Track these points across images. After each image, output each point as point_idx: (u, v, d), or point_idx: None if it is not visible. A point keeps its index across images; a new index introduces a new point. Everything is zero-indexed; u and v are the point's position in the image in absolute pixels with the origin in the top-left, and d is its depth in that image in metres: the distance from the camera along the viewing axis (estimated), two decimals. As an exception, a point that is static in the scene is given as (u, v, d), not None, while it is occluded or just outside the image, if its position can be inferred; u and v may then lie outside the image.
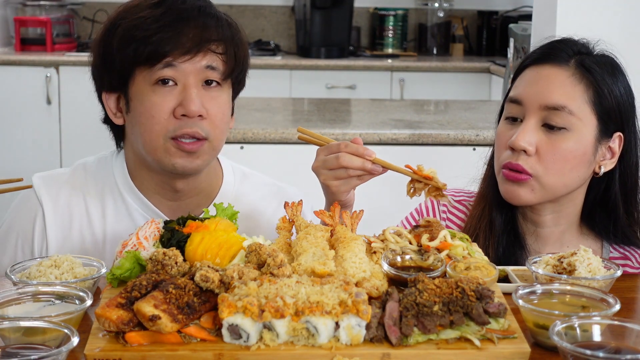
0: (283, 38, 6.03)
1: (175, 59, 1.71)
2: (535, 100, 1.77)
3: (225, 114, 1.79)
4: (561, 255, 1.56)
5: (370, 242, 1.56)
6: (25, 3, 5.59)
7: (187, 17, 1.73)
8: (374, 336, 1.26)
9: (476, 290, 1.30)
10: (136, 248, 1.50)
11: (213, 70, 1.74)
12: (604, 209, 1.86)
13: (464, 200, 1.97)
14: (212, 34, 1.74)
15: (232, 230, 1.53)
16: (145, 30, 1.71)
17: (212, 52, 1.74)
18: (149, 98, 1.72)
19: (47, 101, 5.05)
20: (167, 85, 1.72)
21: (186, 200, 1.85)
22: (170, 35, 1.71)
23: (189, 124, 1.72)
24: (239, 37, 1.80)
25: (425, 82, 5.40)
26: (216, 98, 1.76)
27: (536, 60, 1.82)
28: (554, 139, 1.75)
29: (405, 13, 5.93)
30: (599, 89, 1.76)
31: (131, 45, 1.71)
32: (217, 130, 1.76)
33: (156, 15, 1.72)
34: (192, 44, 1.71)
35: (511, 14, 5.74)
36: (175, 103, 1.72)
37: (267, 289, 1.27)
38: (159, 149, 1.74)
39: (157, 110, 1.72)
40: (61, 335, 1.23)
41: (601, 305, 1.34)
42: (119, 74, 1.75)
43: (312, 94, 5.23)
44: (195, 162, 1.75)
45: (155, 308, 1.25)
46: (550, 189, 1.77)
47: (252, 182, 1.97)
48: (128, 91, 1.76)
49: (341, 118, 3.72)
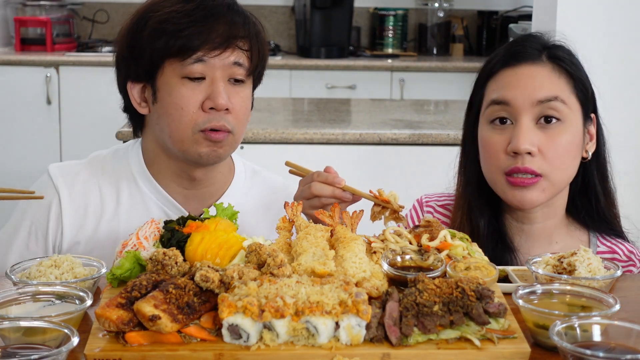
0: (283, 38, 6.03)
1: (205, 54, 1.78)
2: (525, 99, 1.76)
3: (247, 108, 1.87)
4: (561, 255, 1.56)
5: (370, 242, 1.56)
6: (25, 3, 5.58)
7: (217, 13, 1.80)
8: (374, 336, 1.26)
9: (476, 290, 1.30)
10: (136, 248, 1.50)
11: (239, 67, 1.81)
12: (585, 194, 1.88)
13: (447, 204, 1.97)
14: (239, 31, 1.81)
15: (232, 230, 1.53)
16: (176, 24, 1.77)
17: (239, 49, 1.81)
18: (178, 90, 1.79)
19: (47, 101, 5.05)
20: (195, 81, 1.78)
21: (201, 189, 1.91)
22: (201, 31, 1.77)
23: (217, 117, 1.79)
24: (262, 35, 1.87)
25: (425, 82, 5.39)
26: (240, 93, 1.83)
27: (507, 63, 1.82)
28: (551, 134, 1.75)
29: (405, 13, 5.93)
30: (577, 77, 1.79)
31: (162, 37, 1.78)
32: (240, 124, 1.84)
33: (187, 10, 1.79)
34: (222, 39, 1.78)
35: (511, 14, 5.74)
36: (204, 96, 1.79)
37: (267, 289, 1.27)
38: (187, 140, 1.80)
39: (186, 103, 1.78)
40: (61, 335, 1.23)
41: (601, 305, 1.34)
42: (147, 65, 1.81)
43: (312, 94, 5.23)
44: (218, 151, 1.82)
45: (155, 308, 1.25)
46: (558, 185, 1.78)
47: (262, 177, 2.04)
48: (156, 82, 1.82)
49: (341, 118, 3.72)
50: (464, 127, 1.91)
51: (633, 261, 1.88)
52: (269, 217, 1.92)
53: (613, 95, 1.86)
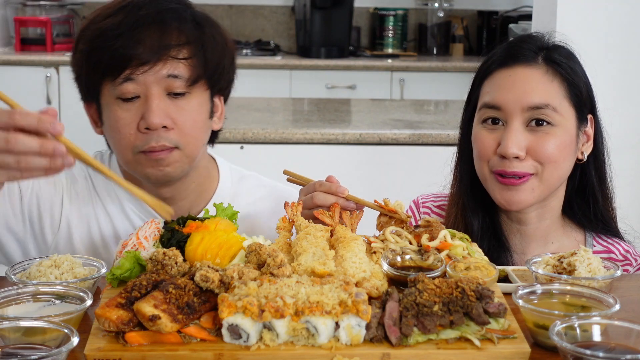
0: (283, 38, 6.03)
1: (133, 72, 1.65)
2: (516, 103, 1.76)
3: (197, 121, 1.72)
4: (561, 256, 1.56)
5: (370, 242, 1.56)
6: (25, 3, 5.59)
7: (145, 22, 1.66)
8: (373, 336, 1.26)
9: (476, 290, 1.30)
10: (136, 248, 1.50)
11: (176, 79, 1.67)
12: (582, 195, 1.87)
13: (443, 205, 1.97)
14: (172, 39, 1.67)
15: (232, 230, 1.53)
16: (103, 41, 1.66)
17: (174, 59, 1.67)
18: (115, 113, 1.70)
19: (47, 101, 5.05)
20: (129, 101, 1.68)
21: (177, 203, 1.82)
22: (127, 45, 1.64)
23: (154, 137, 1.67)
24: (209, 37, 1.72)
25: (425, 82, 5.39)
26: (184, 106, 1.69)
27: (503, 63, 1.82)
28: (541, 137, 1.76)
29: (405, 13, 5.93)
30: (572, 81, 1.78)
31: (92, 57, 1.68)
32: (187, 138, 1.71)
33: (114, 23, 1.66)
34: (150, 52, 1.64)
35: (511, 14, 5.74)
36: (139, 116, 1.67)
37: (267, 289, 1.27)
38: (130, 162, 1.73)
39: (122, 125, 1.69)
40: (61, 335, 1.23)
41: (601, 305, 1.34)
42: (87, 87, 1.74)
43: (312, 94, 5.23)
44: (165, 169, 1.71)
45: (155, 308, 1.25)
46: (548, 185, 1.78)
47: (250, 184, 1.94)
48: (100, 103, 1.74)
49: (341, 118, 3.72)
50: (461, 125, 1.92)
51: (629, 260, 1.88)
52: (260, 223, 1.87)
53: (612, 95, 1.86)
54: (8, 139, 1.26)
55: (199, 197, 1.86)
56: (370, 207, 1.70)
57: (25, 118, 1.26)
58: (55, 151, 1.27)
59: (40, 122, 1.26)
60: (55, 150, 1.27)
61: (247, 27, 6.02)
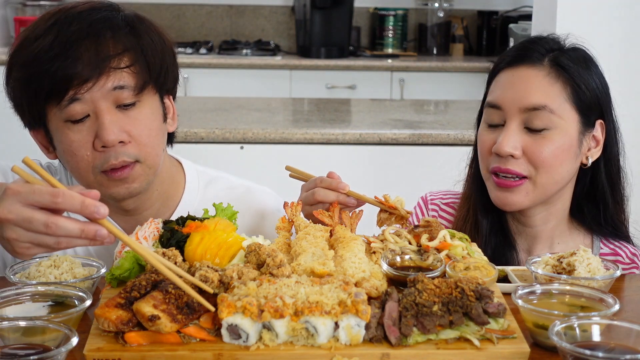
0: (283, 38, 6.03)
1: (77, 91, 1.58)
2: (514, 104, 1.76)
3: (152, 128, 1.67)
4: (560, 256, 1.56)
5: (370, 242, 1.56)
6: (25, 3, 5.58)
7: (78, 38, 1.58)
8: (373, 336, 1.26)
9: (475, 290, 1.30)
10: (136, 248, 1.50)
11: (123, 90, 1.61)
12: (592, 200, 1.87)
13: (452, 202, 1.98)
14: (109, 49, 1.60)
15: (232, 230, 1.53)
16: (38, 66, 1.58)
17: (116, 69, 1.60)
18: (66, 136, 1.62)
19: (47, 101, 5.04)
20: (79, 122, 1.61)
21: (142, 213, 1.77)
22: (64, 65, 1.56)
23: (113, 154, 1.61)
24: (147, 40, 1.66)
25: (425, 82, 5.39)
26: (136, 117, 1.64)
27: (510, 63, 1.82)
28: (538, 139, 1.76)
29: (405, 13, 5.93)
30: (576, 85, 1.77)
31: (30, 84, 1.60)
32: (146, 149, 1.65)
33: (46, 45, 1.58)
34: (90, 68, 1.57)
35: (511, 14, 5.74)
36: (93, 135, 1.61)
37: (266, 289, 1.27)
38: (92, 183, 1.65)
39: (76, 148, 1.62)
40: (60, 336, 1.22)
41: (601, 305, 1.34)
42: (31, 115, 1.66)
43: (312, 94, 5.23)
44: (131, 186, 1.66)
45: (155, 308, 1.25)
46: (543, 189, 1.78)
47: (218, 186, 1.88)
48: (48, 128, 1.66)
49: (341, 118, 3.72)
50: (475, 123, 1.92)
51: (636, 263, 1.88)
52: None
53: (612, 95, 1.85)
54: (48, 223, 1.24)
55: (164, 206, 1.81)
56: (370, 203, 1.70)
57: (68, 201, 1.23)
58: (97, 235, 1.25)
59: (83, 207, 1.24)
60: (97, 234, 1.25)
61: (247, 27, 6.02)
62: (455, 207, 1.96)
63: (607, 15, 3.06)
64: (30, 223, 1.23)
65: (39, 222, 1.23)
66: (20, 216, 1.23)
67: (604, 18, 3.06)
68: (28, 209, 1.23)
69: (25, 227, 1.24)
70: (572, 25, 3.04)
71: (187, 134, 3.18)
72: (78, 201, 1.23)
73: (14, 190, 1.24)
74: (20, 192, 1.24)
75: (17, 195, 1.24)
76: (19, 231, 1.25)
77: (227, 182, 1.90)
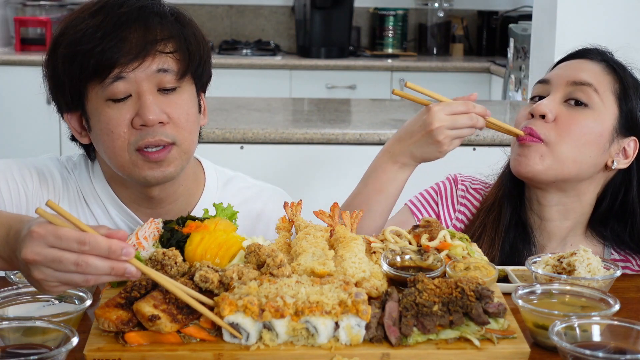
0: (283, 38, 6.03)
1: (123, 70, 1.62)
2: (563, 78, 1.82)
3: (190, 114, 1.70)
4: (561, 256, 1.56)
5: (370, 242, 1.56)
6: (25, 3, 5.59)
7: (128, 20, 1.63)
8: (373, 336, 1.26)
9: (476, 290, 1.30)
10: (136, 248, 1.50)
11: (166, 73, 1.65)
12: (622, 217, 1.86)
13: (479, 188, 1.98)
14: (157, 34, 1.64)
15: (232, 231, 1.53)
16: (86, 44, 1.61)
17: (161, 53, 1.65)
18: (105, 114, 1.65)
19: (47, 101, 5.03)
20: (120, 101, 1.64)
21: (165, 207, 1.78)
22: (112, 45, 1.61)
23: (151, 132, 1.64)
24: (190, 31, 1.71)
25: (425, 82, 5.34)
26: (176, 101, 1.67)
27: (567, 58, 1.89)
28: (575, 112, 1.79)
29: (405, 13, 5.93)
30: (626, 88, 1.81)
31: (74, 62, 1.63)
32: (184, 133, 1.68)
33: (95, 25, 1.62)
34: (137, 49, 1.62)
35: (511, 14, 5.74)
36: (133, 114, 1.64)
37: (267, 288, 1.27)
38: (126, 163, 1.67)
39: (114, 125, 1.64)
40: (61, 336, 1.23)
41: (601, 305, 1.34)
42: (71, 95, 1.68)
43: (312, 94, 5.22)
44: (167, 170, 1.68)
45: (155, 308, 1.25)
46: (559, 159, 1.77)
47: (235, 186, 1.90)
48: (86, 109, 1.68)
49: (341, 118, 3.72)
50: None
51: None
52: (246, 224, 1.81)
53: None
54: (79, 262, 1.22)
55: (186, 202, 1.82)
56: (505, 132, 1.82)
57: (95, 248, 1.22)
58: (126, 273, 1.24)
59: (110, 253, 1.22)
60: (125, 272, 1.24)
61: (247, 27, 6.02)
62: (482, 193, 1.96)
63: (607, 16, 3.06)
64: (60, 263, 1.22)
65: (68, 262, 1.22)
66: (48, 257, 1.23)
67: (604, 18, 3.06)
68: (56, 250, 1.23)
69: (54, 267, 1.23)
70: (572, 26, 3.04)
71: (187, 134, 3.17)
72: (105, 247, 1.22)
73: (39, 234, 1.23)
74: (46, 235, 1.22)
75: (43, 238, 1.22)
76: (47, 271, 1.24)
77: (242, 182, 1.92)
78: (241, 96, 4.63)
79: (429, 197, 1.99)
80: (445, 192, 1.98)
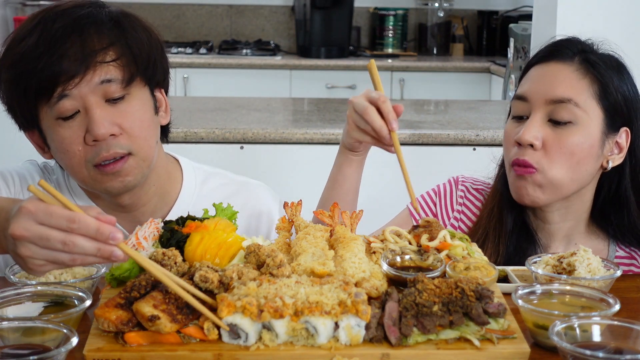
0: (283, 38, 6.03)
1: (65, 87, 1.59)
2: (540, 96, 1.78)
3: (143, 120, 1.67)
4: (561, 256, 1.56)
5: (370, 242, 1.56)
6: (25, 3, 5.58)
7: (63, 35, 1.59)
8: (373, 336, 1.26)
9: (476, 291, 1.30)
10: (135, 248, 1.50)
11: (110, 83, 1.61)
12: (617, 207, 1.86)
13: (481, 189, 1.98)
14: (95, 44, 1.61)
15: (232, 231, 1.53)
16: (26, 65, 1.59)
17: (102, 63, 1.61)
18: (58, 133, 1.63)
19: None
20: (70, 119, 1.62)
21: (140, 209, 1.77)
22: (50, 62, 1.57)
23: (104, 147, 1.62)
24: (132, 34, 1.66)
25: (425, 82, 5.39)
26: (126, 109, 1.64)
27: (541, 59, 1.85)
28: (561, 133, 1.76)
29: (405, 13, 5.93)
30: (604, 84, 1.78)
31: (19, 84, 1.61)
32: (138, 141, 1.65)
33: (32, 44, 1.59)
34: (77, 63, 1.58)
35: (511, 14, 5.74)
36: (84, 130, 1.61)
37: (266, 289, 1.27)
38: (86, 179, 1.66)
39: (68, 144, 1.63)
40: (60, 336, 1.22)
41: (601, 306, 1.34)
42: (23, 116, 1.67)
43: (312, 94, 5.23)
44: (126, 179, 1.66)
45: (155, 308, 1.25)
46: (558, 184, 1.77)
47: (214, 183, 1.88)
48: (42, 128, 1.67)
49: (341, 118, 3.72)
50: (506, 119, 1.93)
51: None
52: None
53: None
54: (66, 241, 1.23)
55: (162, 201, 1.81)
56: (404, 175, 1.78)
57: (84, 227, 1.23)
58: (113, 256, 1.25)
59: (98, 234, 1.23)
60: (112, 255, 1.25)
61: (247, 27, 6.02)
62: (483, 194, 1.96)
63: (607, 15, 3.06)
64: (48, 241, 1.23)
65: (56, 240, 1.23)
66: (36, 234, 1.23)
67: (604, 18, 3.06)
68: (44, 227, 1.23)
69: (41, 244, 1.24)
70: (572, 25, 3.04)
71: (187, 134, 3.18)
72: (93, 227, 1.23)
73: (29, 209, 1.23)
74: (36, 212, 1.23)
75: (33, 215, 1.23)
76: (33, 248, 1.24)
77: (222, 179, 1.90)
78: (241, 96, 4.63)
79: (428, 198, 2.00)
80: (445, 192, 1.99)
